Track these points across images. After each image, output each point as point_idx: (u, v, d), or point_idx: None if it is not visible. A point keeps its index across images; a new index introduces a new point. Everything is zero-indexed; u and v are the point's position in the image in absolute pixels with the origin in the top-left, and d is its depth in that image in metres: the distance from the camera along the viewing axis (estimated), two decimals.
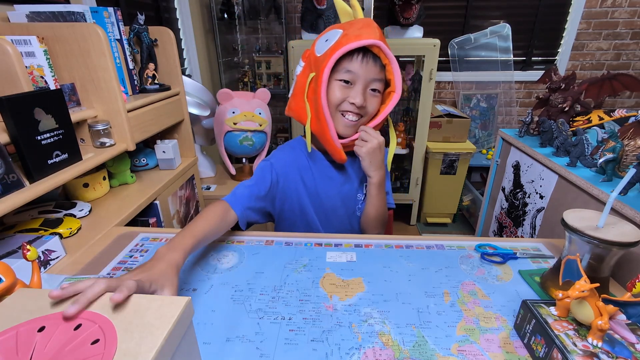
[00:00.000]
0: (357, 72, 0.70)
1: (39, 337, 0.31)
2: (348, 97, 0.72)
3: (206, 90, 1.54)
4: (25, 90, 0.74)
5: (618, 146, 0.78)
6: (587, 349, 0.42)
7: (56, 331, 0.31)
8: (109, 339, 0.30)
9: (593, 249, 0.53)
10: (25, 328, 0.32)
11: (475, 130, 2.61)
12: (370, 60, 0.70)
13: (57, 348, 0.30)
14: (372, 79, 0.72)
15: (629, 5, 2.30)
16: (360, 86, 0.71)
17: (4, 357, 0.29)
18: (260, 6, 2.32)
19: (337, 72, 0.71)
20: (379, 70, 0.72)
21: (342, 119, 0.74)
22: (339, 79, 0.71)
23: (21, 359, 0.29)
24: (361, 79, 0.71)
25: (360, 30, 0.69)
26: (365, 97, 0.72)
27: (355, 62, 0.70)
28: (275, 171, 0.81)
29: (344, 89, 0.72)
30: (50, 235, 0.72)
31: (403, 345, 0.50)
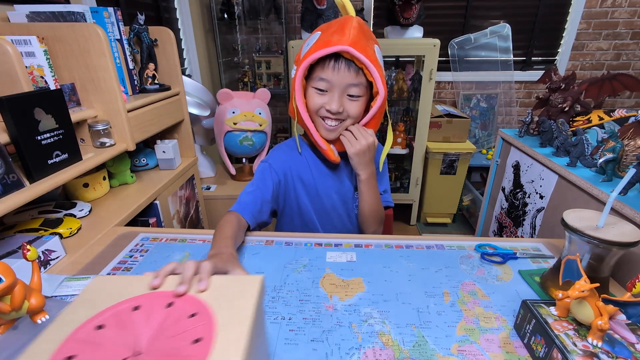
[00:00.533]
0: (330, 79, 0.69)
1: (137, 315, 0.33)
2: (324, 104, 0.72)
3: (206, 90, 1.54)
4: (25, 90, 0.74)
5: (618, 146, 0.78)
6: (587, 349, 0.42)
7: (152, 309, 0.34)
8: (205, 312, 0.33)
9: (593, 249, 0.53)
10: (121, 307, 0.34)
11: (475, 130, 2.61)
12: (342, 66, 0.68)
13: (159, 322, 0.32)
14: (347, 85, 0.70)
15: (629, 5, 2.30)
16: (335, 93, 0.70)
17: (114, 333, 0.31)
18: (260, 6, 2.32)
19: (312, 79, 0.71)
20: (354, 74, 0.69)
21: (322, 123, 0.75)
22: (314, 86, 0.72)
23: (130, 332, 0.31)
24: (336, 86, 0.70)
25: (332, 35, 0.67)
26: (341, 103, 0.71)
27: (327, 69, 0.69)
28: (274, 171, 0.81)
29: (320, 96, 0.72)
30: (50, 235, 0.72)
31: (403, 345, 0.50)
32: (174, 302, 0.35)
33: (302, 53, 0.72)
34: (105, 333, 0.31)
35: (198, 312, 0.33)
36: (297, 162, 0.84)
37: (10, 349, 0.42)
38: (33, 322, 0.45)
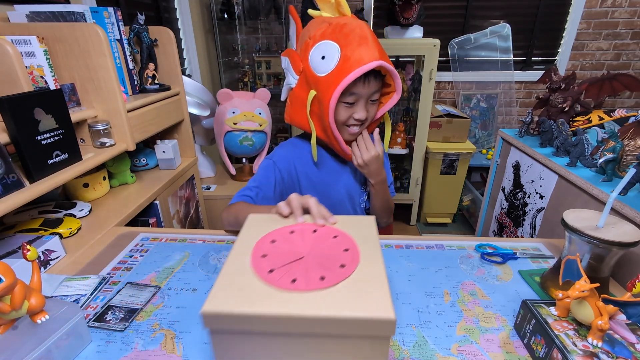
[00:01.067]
0: (360, 92, 0.71)
1: (294, 236, 0.49)
2: (352, 114, 0.73)
3: (206, 90, 1.54)
4: (25, 90, 0.74)
5: (618, 146, 0.78)
6: (587, 349, 0.42)
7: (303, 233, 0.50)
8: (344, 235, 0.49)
9: (593, 249, 0.53)
10: (282, 231, 0.50)
11: (475, 130, 2.61)
12: (372, 79, 0.70)
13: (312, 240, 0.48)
14: (372, 93, 0.73)
15: (629, 5, 2.30)
16: (362, 103, 0.73)
17: (284, 245, 0.47)
18: (260, 6, 2.32)
19: (341, 95, 0.70)
20: (378, 82, 0.72)
21: (347, 130, 0.77)
22: (344, 101, 0.72)
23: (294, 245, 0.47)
24: (363, 97, 0.72)
25: (360, 50, 0.66)
26: (367, 109, 0.74)
27: (359, 85, 0.70)
28: (278, 168, 0.81)
29: (349, 108, 0.73)
30: (50, 235, 0.72)
31: (403, 345, 0.50)
32: (317, 229, 0.50)
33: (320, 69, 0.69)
34: (278, 245, 0.47)
35: (338, 235, 0.49)
36: (302, 159, 0.84)
37: (10, 349, 0.42)
38: (33, 322, 0.45)
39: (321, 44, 0.69)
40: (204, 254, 0.72)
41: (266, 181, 0.80)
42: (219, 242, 0.76)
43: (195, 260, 0.70)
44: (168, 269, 0.67)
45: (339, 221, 0.52)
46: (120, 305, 0.57)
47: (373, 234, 0.49)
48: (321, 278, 0.40)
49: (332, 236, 0.48)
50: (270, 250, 0.45)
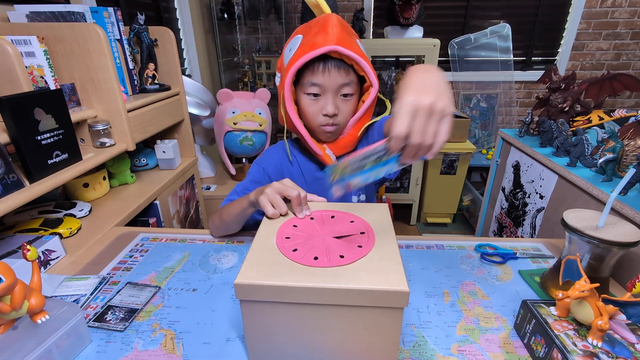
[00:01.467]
0: (322, 83, 0.67)
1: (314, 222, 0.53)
2: (321, 109, 0.70)
3: (206, 90, 1.54)
4: (25, 90, 0.74)
5: (618, 146, 0.78)
6: (587, 349, 0.42)
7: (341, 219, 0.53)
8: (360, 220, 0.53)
9: (593, 249, 0.53)
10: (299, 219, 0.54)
11: (475, 130, 2.61)
12: (332, 68, 0.66)
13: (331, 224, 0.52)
14: (340, 85, 0.68)
15: (629, 5, 2.30)
16: (329, 95, 0.69)
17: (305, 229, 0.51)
18: (260, 6, 2.32)
19: (302, 85, 0.69)
20: (344, 74, 0.68)
21: (321, 129, 0.73)
22: (306, 92, 0.69)
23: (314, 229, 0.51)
24: (328, 88, 0.68)
25: (315, 37, 0.65)
26: (336, 105, 0.70)
27: (317, 73, 0.67)
28: (267, 175, 0.80)
29: (315, 102, 0.70)
30: (50, 235, 0.72)
31: (403, 345, 0.50)
32: (335, 215, 0.55)
33: (286, 58, 0.70)
34: (299, 229, 0.51)
35: (355, 220, 0.52)
36: (288, 166, 0.82)
37: (10, 349, 0.42)
38: (33, 322, 0.45)
39: (293, 39, 0.71)
40: (204, 254, 0.72)
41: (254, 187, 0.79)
42: (219, 242, 0.76)
43: (195, 260, 0.70)
44: (168, 269, 0.67)
45: (356, 209, 0.56)
46: (120, 305, 0.57)
47: (387, 219, 0.53)
48: (341, 256, 0.44)
49: (349, 221, 0.52)
50: (293, 233, 0.49)
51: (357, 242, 0.47)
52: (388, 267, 0.41)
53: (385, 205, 0.57)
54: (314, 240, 0.48)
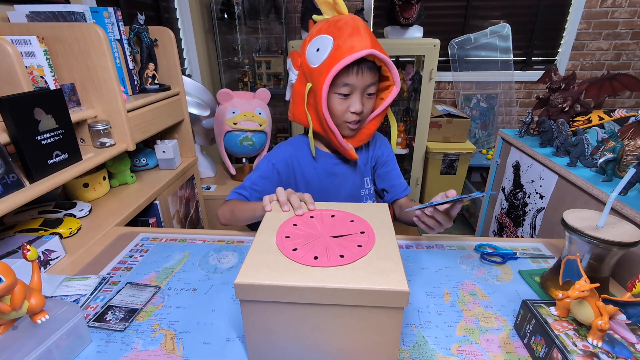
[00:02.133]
0: (354, 84, 0.71)
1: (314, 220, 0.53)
2: (349, 107, 0.73)
3: (206, 90, 1.54)
4: (25, 90, 0.74)
5: (618, 146, 0.78)
6: (587, 349, 0.42)
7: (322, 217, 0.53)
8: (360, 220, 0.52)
9: (593, 249, 0.53)
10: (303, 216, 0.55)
11: (475, 130, 2.61)
12: (365, 70, 0.70)
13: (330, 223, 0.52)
14: (368, 85, 0.72)
15: (629, 5, 2.30)
16: (358, 95, 0.72)
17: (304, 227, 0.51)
18: (260, 6, 2.32)
19: (334, 85, 0.71)
20: (373, 75, 0.72)
21: (345, 125, 0.76)
22: (337, 92, 0.72)
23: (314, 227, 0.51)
24: (359, 89, 0.72)
25: (352, 39, 0.68)
26: (363, 102, 0.73)
27: (352, 75, 0.70)
28: (277, 171, 0.81)
29: (344, 101, 0.73)
30: (50, 235, 0.72)
31: (403, 345, 0.50)
32: (335, 214, 0.54)
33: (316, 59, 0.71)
34: (299, 227, 0.51)
35: (355, 220, 0.52)
36: (300, 160, 0.84)
37: (10, 349, 0.42)
38: (33, 322, 0.45)
39: (317, 38, 0.72)
40: (204, 254, 0.72)
41: (262, 183, 0.80)
42: (219, 242, 0.76)
43: (195, 260, 0.70)
44: (168, 269, 0.67)
45: (356, 208, 0.55)
46: (120, 305, 0.57)
47: (386, 219, 0.52)
48: (341, 256, 0.43)
49: (349, 220, 0.52)
50: (293, 232, 0.49)
51: (357, 241, 0.47)
52: (388, 267, 0.41)
53: (385, 205, 0.57)
54: (314, 239, 0.48)
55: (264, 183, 0.80)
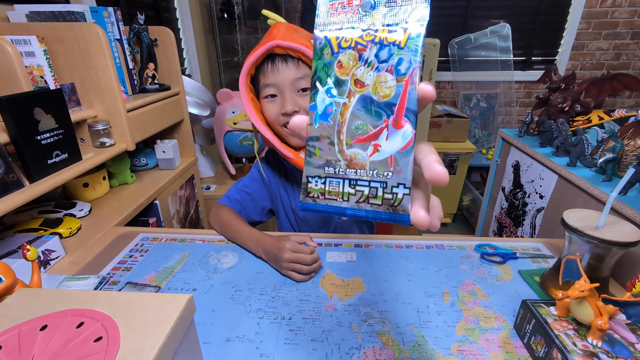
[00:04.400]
0: (275, 82, 0.65)
1: (41, 336, 0.31)
2: (280, 110, 0.66)
3: (206, 90, 1.54)
4: (25, 90, 0.73)
5: (618, 146, 0.78)
6: (587, 349, 0.42)
7: (58, 329, 0.32)
8: (112, 337, 0.31)
9: (593, 249, 0.53)
10: (27, 327, 0.32)
11: (475, 130, 2.61)
12: (280, 64, 0.64)
13: (59, 346, 0.30)
14: (294, 80, 0.65)
15: (629, 5, 2.30)
16: (286, 93, 0.65)
17: (6, 356, 0.30)
18: (260, 6, 2.32)
19: (261, 90, 0.67)
20: (295, 68, 0.65)
21: (286, 131, 0.68)
22: (264, 96, 0.67)
23: (23, 358, 0.29)
24: (283, 86, 0.65)
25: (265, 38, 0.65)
26: (295, 101, 0.65)
27: (268, 73, 0.65)
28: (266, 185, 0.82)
29: (274, 103, 0.67)
30: (50, 235, 0.72)
31: (403, 345, 0.50)
32: (85, 322, 0.32)
33: None
34: None
35: (105, 336, 0.31)
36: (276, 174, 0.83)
37: None
38: None
39: None
40: (203, 254, 0.72)
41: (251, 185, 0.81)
42: (219, 242, 0.76)
43: (195, 260, 0.70)
44: (168, 269, 0.67)
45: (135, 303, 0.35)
46: None
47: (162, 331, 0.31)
48: None
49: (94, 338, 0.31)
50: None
51: None
52: None
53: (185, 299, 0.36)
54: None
55: (252, 185, 0.81)
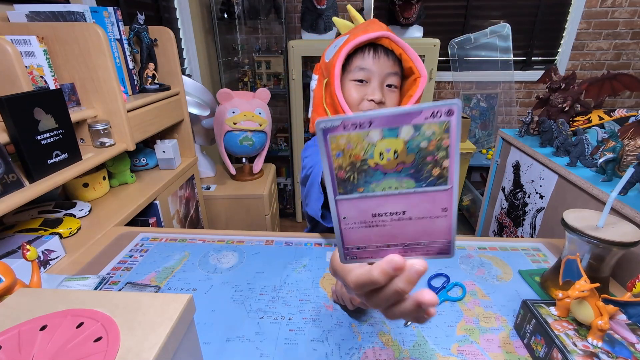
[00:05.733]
0: (371, 69, 0.68)
1: (40, 336, 0.31)
2: (366, 95, 0.68)
3: (206, 90, 1.54)
4: (25, 90, 0.73)
5: (618, 146, 0.78)
6: (587, 349, 0.42)
7: (58, 329, 0.32)
8: (112, 337, 0.31)
9: (593, 249, 0.53)
10: (27, 327, 0.32)
11: (475, 130, 2.61)
12: (382, 55, 0.68)
13: (59, 346, 0.30)
14: (387, 74, 0.68)
15: (629, 5, 2.30)
16: (376, 82, 0.68)
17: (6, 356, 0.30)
18: (260, 6, 2.32)
19: (350, 72, 0.69)
20: (392, 63, 0.69)
21: None
22: (353, 79, 0.69)
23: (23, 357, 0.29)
24: (376, 75, 0.68)
25: (367, 27, 0.68)
26: (383, 93, 0.68)
27: (368, 58, 0.67)
28: None
29: (360, 87, 0.69)
30: (50, 235, 0.72)
31: (403, 345, 0.50)
32: (85, 322, 0.32)
33: (331, 54, 0.70)
34: None
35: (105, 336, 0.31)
36: None
37: None
38: None
39: (336, 40, 0.72)
40: (203, 254, 0.72)
41: None
42: (219, 242, 0.76)
43: (195, 260, 0.70)
44: (168, 269, 0.67)
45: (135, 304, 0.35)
46: None
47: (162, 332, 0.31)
48: None
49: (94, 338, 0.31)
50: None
51: None
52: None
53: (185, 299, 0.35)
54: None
55: None
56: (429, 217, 0.25)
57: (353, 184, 0.24)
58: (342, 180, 0.24)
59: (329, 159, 0.24)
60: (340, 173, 0.24)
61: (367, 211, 0.25)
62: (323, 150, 0.23)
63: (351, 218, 0.26)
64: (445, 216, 0.24)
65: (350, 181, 0.24)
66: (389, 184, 0.24)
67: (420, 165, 0.23)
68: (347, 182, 0.24)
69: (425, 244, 0.26)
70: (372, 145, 0.23)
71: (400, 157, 0.23)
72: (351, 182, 0.24)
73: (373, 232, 0.26)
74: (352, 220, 0.26)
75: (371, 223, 0.26)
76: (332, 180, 0.25)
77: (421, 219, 0.25)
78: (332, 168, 0.24)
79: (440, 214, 0.24)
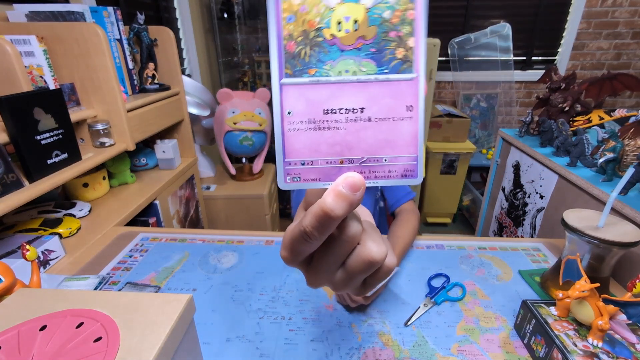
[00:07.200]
0: None
1: (40, 336, 0.31)
2: None
3: (206, 90, 1.54)
4: (24, 90, 0.73)
5: (618, 146, 0.77)
6: (588, 349, 0.42)
7: (58, 330, 0.32)
8: (112, 337, 0.31)
9: (593, 249, 0.53)
10: (26, 327, 0.32)
11: (475, 130, 2.60)
12: None
13: (59, 346, 0.30)
14: None
15: (629, 5, 2.30)
16: None
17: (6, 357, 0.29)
18: (260, 6, 2.32)
19: None
20: None
21: None
22: None
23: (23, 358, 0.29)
24: None
25: None
26: None
27: None
28: None
29: None
30: (50, 235, 0.72)
31: (403, 345, 0.50)
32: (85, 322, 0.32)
33: None
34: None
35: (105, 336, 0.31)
36: None
37: None
38: None
39: None
40: (203, 254, 0.72)
41: None
42: (218, 242, 0.76)
43: (195, 260, 0.70)
44: (168, 269, 0.67)
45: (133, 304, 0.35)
46: None
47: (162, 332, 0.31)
48: None
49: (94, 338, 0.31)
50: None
51: None
52: None
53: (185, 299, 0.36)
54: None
55: None
56: (391, 119, 0.20)
57: (304, 62, 0.20)
58: (291, 56, 0.20)
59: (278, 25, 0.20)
60: (289, 45, 0.20)
61: (318, 105, 0.20)
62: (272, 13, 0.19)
63: (298, 114, 0.21)
64: (411, 118, 0.20)
65: (301, 57, 0.20)
66: (346, 66, 0.20)
67: (382, 42, 0.20)
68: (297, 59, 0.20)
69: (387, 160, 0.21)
70: (329, 10, 0.19)
71: (361, 29, 0.19)
72: (302, 59, 0.20)
73: (324, 138, 0.21)
74: (298, 117, 0.21)
75: (322, 123, 0.21)
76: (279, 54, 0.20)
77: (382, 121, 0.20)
78: (280, 37, 0.20)
79: (405, 115, 0.20)
